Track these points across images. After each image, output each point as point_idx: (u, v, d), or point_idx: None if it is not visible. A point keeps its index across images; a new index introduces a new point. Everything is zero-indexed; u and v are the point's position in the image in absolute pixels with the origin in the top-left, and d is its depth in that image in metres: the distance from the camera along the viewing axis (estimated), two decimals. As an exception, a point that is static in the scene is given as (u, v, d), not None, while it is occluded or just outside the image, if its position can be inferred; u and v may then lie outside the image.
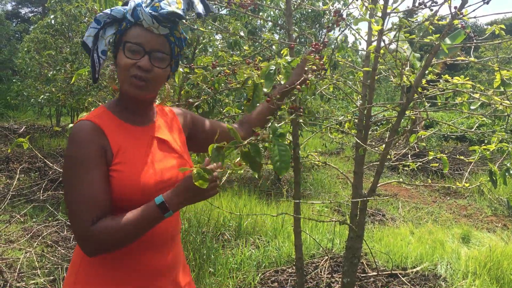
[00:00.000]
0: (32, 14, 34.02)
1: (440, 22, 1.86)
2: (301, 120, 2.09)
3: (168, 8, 1.33)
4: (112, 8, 1.39)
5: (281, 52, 2.73)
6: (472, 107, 2.06)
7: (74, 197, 1.28)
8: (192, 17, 2.65)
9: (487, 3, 1.67)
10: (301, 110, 1.49)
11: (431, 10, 1.76)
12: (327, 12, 8.21)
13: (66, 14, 7.84)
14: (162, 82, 1.43)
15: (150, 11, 1.33)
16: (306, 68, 1.76)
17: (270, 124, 1.50)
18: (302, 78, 1.70)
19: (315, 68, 1.71)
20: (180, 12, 1.34)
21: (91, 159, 1.28)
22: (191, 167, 1.47)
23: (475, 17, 1.72)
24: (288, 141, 2.58)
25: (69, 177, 1.29)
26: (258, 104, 1.74)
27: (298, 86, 1.56)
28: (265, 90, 1.33)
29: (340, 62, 2.27)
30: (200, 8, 1.42)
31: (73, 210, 1.28)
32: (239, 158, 1.41)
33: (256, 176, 1.45)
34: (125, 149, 1.34)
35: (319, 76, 1.79)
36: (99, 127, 1.32)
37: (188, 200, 1.33)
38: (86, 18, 7.06)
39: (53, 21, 8.04)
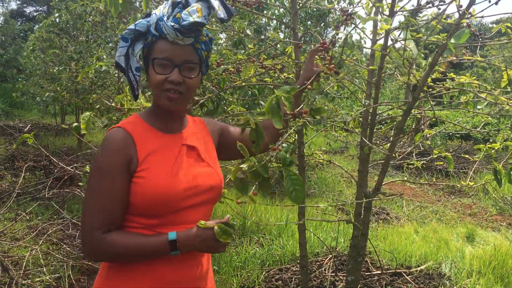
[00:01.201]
0: (37, 13, 34.13)
1: (447, 21, 1.85)
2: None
3: (190, 19, 1.31)
4: (135, 23, 1.39)
5: (286, 50, 2.73)
6: (478, 107, 2.05)
7: (91, 202, 1.32)
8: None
9: (496, 3, 1.67)
10: (305, 113, 1.49)
11: (439, 9, 1.76)
12: (332, 10, 8.20)
13: (71, 13, 7.87)
14: (195, 90, 1.44)
15: (172, 23, 1.31)
16: (315, 63, 1.74)
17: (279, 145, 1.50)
18: (314, 74, 1.68)
19: (328, 72, 1.70)
20: (201, 20, 1.32)
21: (115, 170, 1.31)
22: (219, 176, 1.48)
23: (482, 17, 1.71)
24: (293, 140, 2.59)
25: (92, 181, 1.34)
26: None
27: (309, 86, 1.55)
28: (278, 127, 1.33)
29: (345, 61, 2.27)
30: (221, 13, 1.41)
31: (86, 214, 1.32)
32: (253, 188, 1.44)
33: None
34: (152, 156, 1.36)
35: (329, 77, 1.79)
36: (129, 134, 1.35)
37: (200, 249, 1.37)
38: (91, 17, 7.08)
39: (58, 20, 8.07)
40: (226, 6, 1.42)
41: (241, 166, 1.36)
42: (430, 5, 1.78)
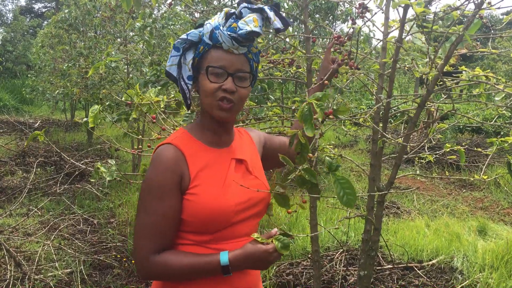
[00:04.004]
0: (46, 9, 34.31)
1: (466, 12, 1.82)
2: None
3: (247, 28, 1.32)
4: (187, 33, 1.39)
5: (294, 44, 2.71)
6: (496, 98, 2.02)
7: (143, 223, 1.32)
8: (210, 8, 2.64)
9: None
10: (330, 114, 1.47)
11: (459, -1, 1.73)
12: (341, 3, 8.13)
13: (79, 9, 7.88)
14: (245, 101, 1.43)
15: (228, 32, 1.32)
16: (332, 58, 1.73)
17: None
18: (331, 71, 1.68)
19: (347, 69, 1.69)
20: (258, 30, 1.33)
21: (167, 189, 1.30)
22: (267, 188, 1.47)
23: (499, 8, 1.68)
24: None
25: (143, 200, 1.33)
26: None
27: (326, 82, 1.54)
28: (309, 135, 1.33)
29: (357, 55, 2.24)
30: (277, 23, 1.40)
31: (139, 234, 1.32)
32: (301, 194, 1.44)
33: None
34: (203, 172, 1.35)
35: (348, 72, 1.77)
36: (180, 151, 1.34)
37: (253, 268, 1.35)
38: (100, 12, 7.09)
39: (67, 16, 8.09)
40: (281, 16, 1.42)
41: (289, 177, 1.36)
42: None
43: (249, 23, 1.33)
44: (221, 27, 1.34)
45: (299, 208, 1.42)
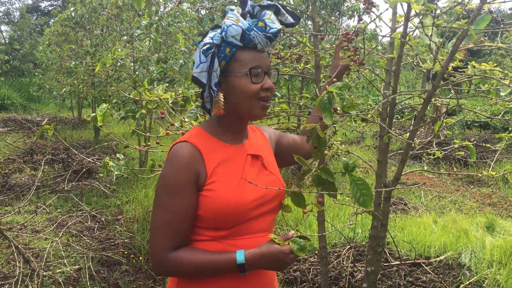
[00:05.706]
0: (52, 7, 34.43)
1: (470, 6, 1.81)
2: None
3: (275, 26, 1.34)
4: (211, 37, 1.36)
5: (302, 40, 2.70)
6: (502, 94, 2.00)
7: (158, 219, 1.32)
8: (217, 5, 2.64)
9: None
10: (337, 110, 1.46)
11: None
12: (347, -1, 8.09)
13: (85, 6, 7.91)
14: None
15: (263, 32, 1.33)
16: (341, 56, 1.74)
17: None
18: (340, 69, 1.68)
19: (352, 65, 1.69)
20: (281, 27, 1.36)
21: (182, 186, 1.30)
22: (282, 184, 1.47)
23: (504, 1, 1.67)
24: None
25: (159, 198, 1.33)
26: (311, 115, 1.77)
27: (335, 79, 1.54)
28: (328, 123, 1.32)
29: (364, 50, 2.23)
30: (289, 19, 1.43)
31: (154, 231, 1.33)
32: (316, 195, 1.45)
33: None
34: (220, 168, 1.35)
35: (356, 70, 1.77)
36: (196, 147, 1.34)
37: (269, 268, 1.35)
38: (106, 10, 7.10)
39: (73, 14, 8.11)
40: (290, 12, 1.43)
41: (305, 177, 1.36)
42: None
43: (274, 21, 1.34)
44: (254, 28, 1.33)
45: (315, 207, 1.41)
